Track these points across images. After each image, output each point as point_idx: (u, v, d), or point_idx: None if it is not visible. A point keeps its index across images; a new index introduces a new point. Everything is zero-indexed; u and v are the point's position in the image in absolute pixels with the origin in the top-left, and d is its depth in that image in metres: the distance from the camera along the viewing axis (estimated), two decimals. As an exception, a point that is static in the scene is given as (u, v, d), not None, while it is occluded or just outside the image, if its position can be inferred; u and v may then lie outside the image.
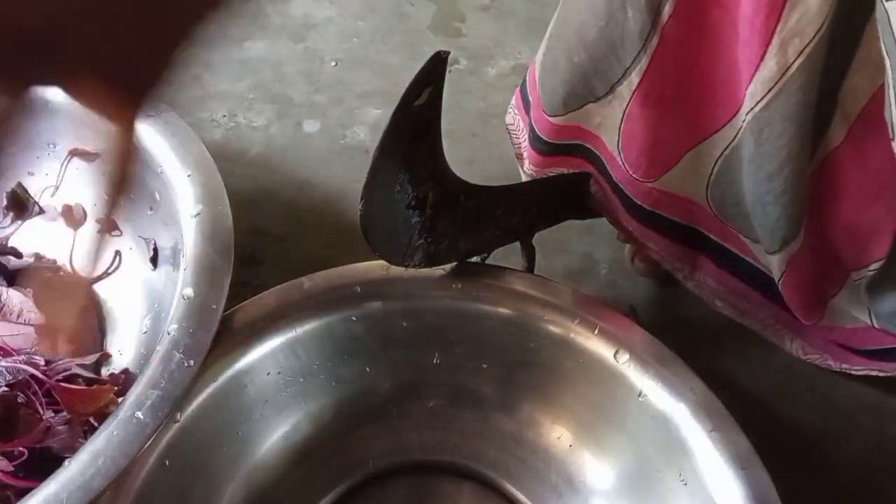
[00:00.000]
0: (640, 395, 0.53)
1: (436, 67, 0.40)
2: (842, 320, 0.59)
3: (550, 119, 0.59)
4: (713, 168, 0.54)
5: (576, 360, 0.54)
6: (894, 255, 0.53)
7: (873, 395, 0.70)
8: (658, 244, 0.64)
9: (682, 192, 0.57)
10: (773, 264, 0.56)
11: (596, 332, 0.53)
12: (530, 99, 0.63)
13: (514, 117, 0.67)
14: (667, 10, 0.48)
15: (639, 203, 0.60)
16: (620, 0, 0.49)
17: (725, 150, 0.52)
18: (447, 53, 0.40)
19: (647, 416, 0.53)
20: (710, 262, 0.63)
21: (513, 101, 0.68)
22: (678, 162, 0.55)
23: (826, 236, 0.54)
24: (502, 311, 0.55)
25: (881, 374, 0.65)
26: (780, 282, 0.56)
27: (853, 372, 0.66)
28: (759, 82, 0.46)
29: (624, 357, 0.53)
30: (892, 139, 0.46)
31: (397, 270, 0.55)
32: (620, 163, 0.58)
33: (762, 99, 0.47)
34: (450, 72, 0.48)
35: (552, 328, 0.54)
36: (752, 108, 0.48)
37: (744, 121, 0.49)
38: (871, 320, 0.58)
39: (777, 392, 0.70)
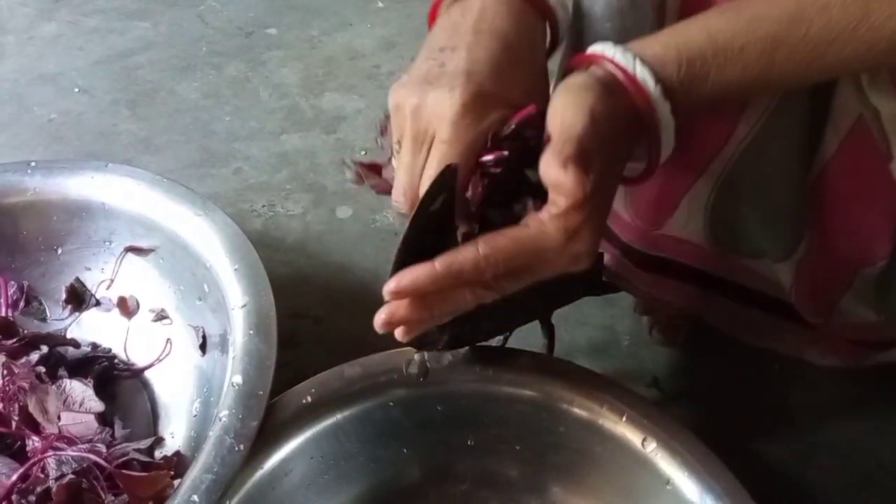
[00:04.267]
0: (667, 482, 0.54)
1: (446, 178, 0.45)
2: (849, 318, 0.61)
3: None
4: (709, 201, 0.56)
5: (605, 446, 0.56)
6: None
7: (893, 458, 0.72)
8: (673, 291, 0.66)
9: (684, 235, 0.60)
10: (782, 273, 0.58)
11: (624, 418, 0.55)
12: None
13: None
14: None
15: (649, 254, 0.62)
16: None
17: (718, 181, 0.55)
18: (456, 166, 0.45)
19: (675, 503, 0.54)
20: (723, 297, 0.65)
21: None
22: (679, 205, 0.57)
23: (829, 239, 0.56)
24: (533, 395, 0.58)
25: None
26: (791, 289, 0.58)
27: (860, 364, 0.66)
28: (753, 106, 0.49)
29: (652, 445, 0.54)
30: (892, 160, 0.49)
31: (433, 357, 0.58)
32: (629, 219, 0.61)
33: (759, 121, 0.50)
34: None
35: (581, 413, 0.56)
36: (746, 135, 0.51)
37: (741, 143, 0.51)
38: (876, 314, 0.59)
39: (795, 457, 0.72)
